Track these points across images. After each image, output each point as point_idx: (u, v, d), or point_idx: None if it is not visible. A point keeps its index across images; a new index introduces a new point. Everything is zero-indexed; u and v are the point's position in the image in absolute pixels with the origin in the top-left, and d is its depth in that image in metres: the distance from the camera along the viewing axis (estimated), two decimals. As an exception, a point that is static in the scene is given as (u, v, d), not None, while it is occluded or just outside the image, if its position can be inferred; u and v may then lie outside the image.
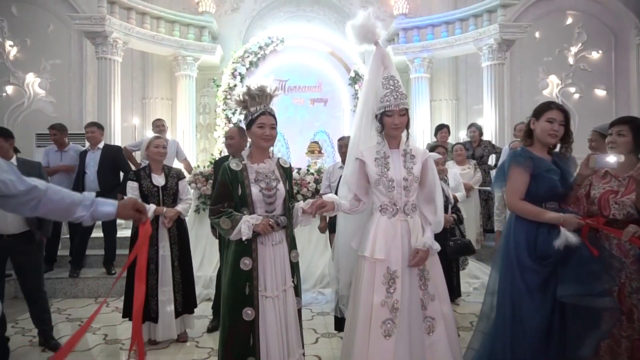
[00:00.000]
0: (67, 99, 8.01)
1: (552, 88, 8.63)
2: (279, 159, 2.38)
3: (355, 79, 7.53)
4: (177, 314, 3.32)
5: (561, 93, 8.63)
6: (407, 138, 2.34)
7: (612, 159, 2.14)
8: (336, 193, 2.52)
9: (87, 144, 4.92)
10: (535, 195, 2.31)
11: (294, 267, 2.34)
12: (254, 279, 2.18)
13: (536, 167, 2.30)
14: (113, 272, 4.72)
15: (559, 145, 2.41)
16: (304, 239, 4.83)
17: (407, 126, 2.31)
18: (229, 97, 7.26)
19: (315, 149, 5.78)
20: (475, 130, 5.68)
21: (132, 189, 3.27)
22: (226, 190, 2.20)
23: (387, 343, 2.10)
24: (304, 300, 4.30)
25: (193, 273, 3.53)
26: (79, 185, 4.67)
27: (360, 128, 2.44)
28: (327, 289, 4.54)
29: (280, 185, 2.27)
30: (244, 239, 2.11)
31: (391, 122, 2.23)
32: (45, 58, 7.92)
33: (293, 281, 2.31)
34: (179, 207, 3.39)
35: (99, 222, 4.79)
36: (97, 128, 4.90)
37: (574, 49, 8.66)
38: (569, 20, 8.68)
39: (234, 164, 2.23)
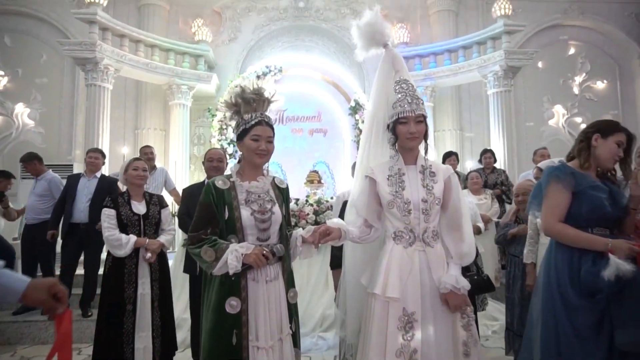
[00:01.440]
0: (57, 130, 7.77)
1: (558, 118, 8.42)
2: (274, 177, 1.99)
3: (356, 109, 7.26)
4: None
5: (567, 123, 8.41)
6: (426, 151, 1.97)
7: None
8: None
9: (74, 169, 4.56)
10: (578, 218, 1.93)
11: (292, 310, 1.90)
12: (243, 326, 1.74)
13: (578, 183, 1.93)
14: (89, 314, 4.22)
15: None
16: (301, 277, 4.38)
17: (425, 137, 1.95)
18: (224, 127, 6.97)
19: (314, 179, 5.42)
20: (491, 156, 5.35)
21: (109, 217, 2.87)
22: (210, 214, 1.79)
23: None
24: (303, 347, 3.80)
25: (173, 313, 3.05)
26: (62, 212, 4.24)
27: (369, 142, 2.08)
28: (328, 332, 4.05)
29: (276, 208, 1.87)
30: (231, 273, 1.70)
31: (406, 130, 1.87)
32: (36, 88, 7.74)
33: (291, 327, 1.88)
34: (162, 239, 2.97)
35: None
36: (100, 155, 4.55)
37: (578, 79, 8.52)
38: (572, 51, 8.58)
39: (220, 182, 1.84)
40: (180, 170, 7.02)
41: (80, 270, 4.41)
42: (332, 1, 8.03)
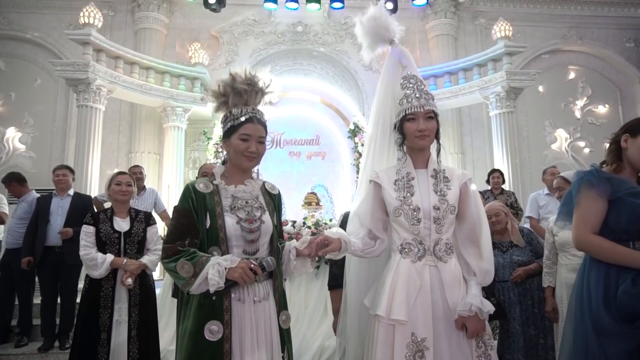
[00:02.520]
0: (48, 154, 7.59)
1: (560, 142, 8.29)
2: (264, 182, 1.75)
3: (355, 132, 7.10)
4: None
5: (570, 147, 8.27)
6: (439, 153, 1.74)
7: None
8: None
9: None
10: (617, 229, 1.67)
11: (285, 336, 1.62)
12: (226, 355, 1.46)
13: (616, 190, 1.67)
14: (67, 345, 3.87)
15: None
16: (298, 304, 4.07)
17: (437, 136, 1.72)
18: (220, 149, 6.77)
19: (312, 201, 5.18)
20: (499, 176, 5.12)
21: (87, 235, 2.61)
22: (188, 222, 1.53)
23: None
24: (300, 382, 3.49)
25: (158, 343, 2.74)
26: (35, 237, 3.94)
27: (374, 146, 1.86)
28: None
29: (266, 217, 1.62)
30: (212, 291, 1.43)
31: (415, 128, 1.65)
32: (29, 112, 7.61)
33: (283, 357, 1.59)
34: (145, 259, 2.70)
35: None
36: (68, 171, 4.27)
37: (579, 103, 8.44)
38: (572, 75, 8.54)
39: (201, 185, 1.60)
40: (174, 193, 6.77)
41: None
42: (330, 25, 8.00)
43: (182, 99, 6.88)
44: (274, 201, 1.73)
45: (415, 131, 1.66)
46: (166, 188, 6.75)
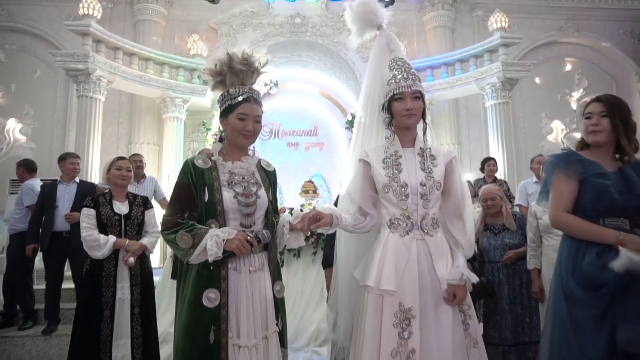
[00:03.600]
0: (49, 145, 7.62)
1: (556, 133, 8.34)
2: (260, 159, 1.83)
3: (352, 123, 7.15)
4: None
5: (567, 138, 8.31)
6: (425, 132, 1.82)
7: None
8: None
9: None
10: (585, 208, 1.77)
11: (279, 306, 1.71)
12: (222, 321, 1.55)
13: (585, 171, 1.78)
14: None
15: None
16: (295, 289, 4.17)
17: (423, 116, 1.80)
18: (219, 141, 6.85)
19: (309, 189, 5.26)
20: (495, 164, 5.21)
21: (88, 217, 2.69)
22: (187, 195, 1.62)
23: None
24: (296, 362, 3.60)
25: (156, 323, 2.83)
26: (40, 223, 4.02)
27: (364, 125, 1.94)
28: (323, 347, 3.81)
29: (262, 192, 1.71)
30: (210, 260, 1.52)
31: (402, 107, 1.73)
32: (29, 104, 7.63)
33: (277, 325, 1.68)
34: (144, 241, 2.79)
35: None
36: (79, 160, 4.41)
37: (575, 95, 8.49)
38: (568, 67, 8.58)
39: (200, 161, 1.68)
40: (173, 182, 6.85)
41: (69, 284, 4.19)
42: (329, 17, 8.04)
43: (181, 90, 6.94)
44: (269, 177, 1.81)
45: (402, 110, 1.74)
46: (166, 178, 6.82)
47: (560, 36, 8.52)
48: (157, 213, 5.72)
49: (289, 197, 6.86)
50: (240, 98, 1.68)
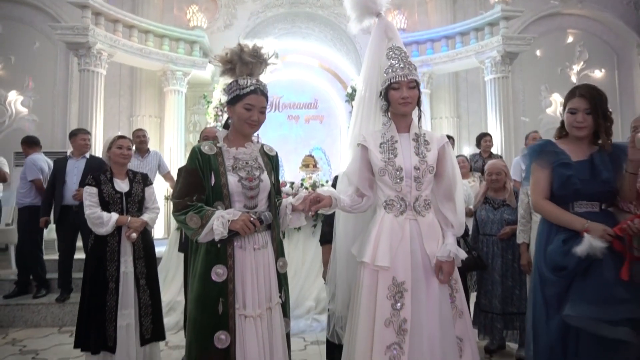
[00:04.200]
0: (51, 118, 7.68)
1: (555, 106, 8.37)
2: (263, 144, 1.94)
3: (353, 96, 7.19)
4: (144, 341, 2.78)
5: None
6: (420, 119, 1.92)
7: None
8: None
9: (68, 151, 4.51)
10: (555, 194, 1.96)
11: (282, 280, 1.86)
12: (230, 294, 1.70)
13: (555, 160, 1.95)
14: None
15: None
16: (296, 259, 4.36)
17: (418, 103, 1.90)
18: (220, 113, 6.91)
19: (310, 163, 5.37)
20: (490, 139, 5.31)
21: (90, 195, 2.79)
22: (195, 180, 1.74)
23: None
24: (297, 328, 3.80)
25: (159, 292, 3.00)
26: (52, 197, 4.16)
27: (362, 111, 2.04)
28: (322, 315, 4.01)
29: (264, 176, 1.83)
30: (217, 239, 1.65)
31: (398, 96, 1.82)
32: (30, 76, 7.62)
33: (280, 297, 1.84)
34: (145, 217, 2.91)
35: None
36: (90, 136, 4.50)
37: (576, 67, 8.47)
38: (570, 39, 8.52)
39: (206, 147, 1.79)
40: (175, 157, 6.97)
41: (81, 255, 4.35)
42: (329, -12, 7.94)
43: (181, 63, 6.95)
44: (271, 162, 1.92)
45: (399, 98, 1.83)
46: (168, 151, 6.93)
47: (563, 7, 8.42)
48: (161, 187, 5.88)
49: (290, 170, 6.97)
50: (248, 89, 1.77)
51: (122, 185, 2.89)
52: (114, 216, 2.76)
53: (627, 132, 8.74)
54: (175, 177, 5.06)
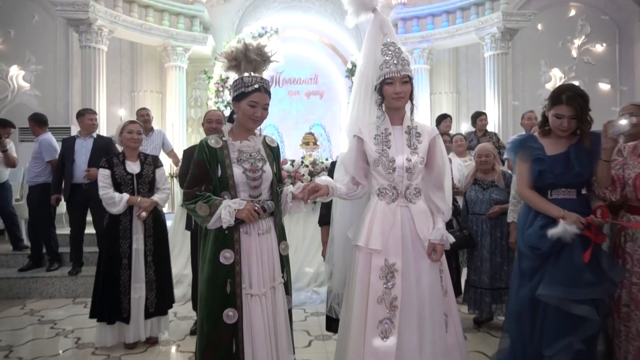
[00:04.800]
0: (53, 93, 7.71)
1: (555, 81, 8.39)
2: (265, 137, 2.08)
3: (353, 71, 7.23)
4: (148, 314, 3.01)
5: (564, 87, 8.37)
6: (412, 112, 2.04)
7: (623, 121, 1.94)
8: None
9: (72, 132, 4.60)
10: (534, 183, 2.18)
11: (284, 261, 2.03)
12: (237, 275, 1.87)
13: (532, 154, 2.17)
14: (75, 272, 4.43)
15: None
16: (297, 235, 4.54)
17: (411, 98, 2.01)
18: (221, 89, 6.97)
19: (310, 141, 5.48)
20: (486, 118, 5.39)
21: (104, 177, 2.97)
22: (203, 171, 1.89)
23: (385, 345, 1.81)
24: (298, 300, 4.03)
25: (170, 270, 3.20)
26: (62, 175, 4.32)
27: (358, 103, 2.15)
28: (322, 287, 4.24)
29: (267, 167, 1.97)
30: (224, 226, 1.81)
31: (392, 90, 1.93)
32: (30, 50, 7.62)
33: (283, 277, 2.01)
34: (156, 197, 3.08)
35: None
36: (97, 116, 4.64)
37: (577, 42, 8.43)
38: (572, 12, 8.44)
39: (212, 141, 1.93)
40: (178, 132, 7.08)
41: (91, 229, 4.56)
42: (329, -40, 7.83)
43: (182, 39, 6.97)
44: (273, 152, 2.06)
45: (392, 93, 1.95)
46: (170, 127, 7.03)
47: (565, -20, 8.32)
48: (166, 164, 6.02)
49: (290, 146, 7.09)
50: (252, 87, 1.89)
51: (133, 167, 3.05)
52: (125, 196, 2.93)
53: (625, 107, 8.68)
54: (178, 155, 5.22)
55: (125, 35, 6.70)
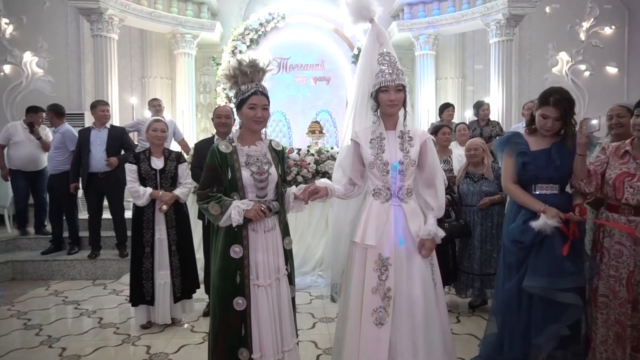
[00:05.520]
0: (66, 78, 7.85)
1: (561, 65, 8.38)
2: (271, 141, 2.26)
3: (359, 57, 7.31)
4: (176, 299, 3.29)
5: (571, 70, 8.36)
6: (405, 118, 2.20)
7: (594, 121, 2.13)
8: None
9: (85, 118, 4.78)
10: (519, 178, 2.36)
11: (288, 255, 2.24)
12: (245, 267, 2.08)
13: (516, 150, 2.33)
14: (125, 254, 4.68)
15: None
16: (303, 222, 4.75)
17: (404, 104, 2.17)
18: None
19: (316, 129, 5.64)
20: (488, 108, 5.49)
21: (131, 172, 3.22)
22: (215, 174, 2.08)
23: (379, 332, 2.02)
24: (303, 283, 4.28)
25: (194, 257, 3.48)
26: (81, 164, 4.56)
27: (355, 108, 2.32)
28: (326, 271, 4.47)
29: (273, 169, 2.15)
30: (234, 225, 2.01)
31: (387, 98, 2.10)
32: (43, 36, 7.74)
33: (287, 269, 2.22)
34: (177, 191, 3.31)
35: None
36: (109, 107, 4.86)
37: (585, 25, 8.36)
38: (581, -6, 8.36)
39: (223, 146, 2.11)
40: (188, 118, 7.26)
41: (107, 215, 4.85)
42: (336, -57, 7.79)
43: (190, 26, 7.07)
44: (278, 155, 2.24)
45: (387, 101, 2.11)
46: (180, 113, 7.21)
47: (576, -39, 8.21)
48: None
49: (297, 132, 7.25)
50: (249, 92, 2.08)
51: (157, 162, 3.28)
52: (148, 190, 3.18)
53: (634, 93, 8.75)
54: (187, 145, 5.43)
55: (135, 23, 6.83)
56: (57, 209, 4.87)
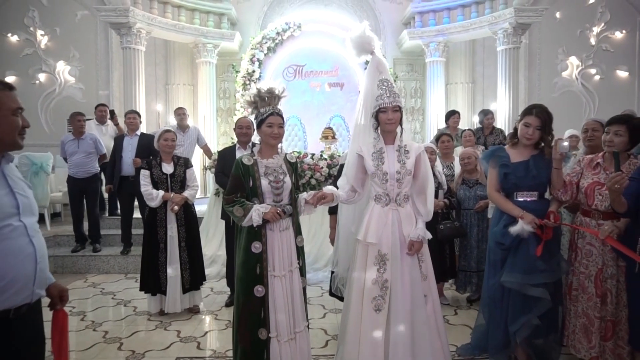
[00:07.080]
0: (95, 86, 8.39)
1: (571, 70, 8.54)
2: (286, 154, 2.63)
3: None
4: (185, 290, 3.71)
5: (581, 75, 8.52)
6: (401, 134, 2.55)
7: (565, 143, 2.44)
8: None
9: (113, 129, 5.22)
10: (502, 186, 2.67)
11: (299, 251, 2.61)
12: (264, 261, 2.46)
13: (499, 162, 2.65)
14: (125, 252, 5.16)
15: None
16: (316, 223, 5.10)
17: (400, 122, 2.52)
18: (247, 82, 7.51)
19: (329, 135, 6.00)
20: (493, 117, 5.73)
21: (145, 177, 3.64)
22: (239, 182, 2.47)
23: (377, 316, 2.38)
24: (316, 279, 4.64)
25: (201, 252, 3.88)
26: (114, 168, 5.02)
27: (360, 126, 2.67)
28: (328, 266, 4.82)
29: (287, 179, 2.53)
30: (254, 225, 2.39)
31: (385, 117, 2.45)
32: (74, 46, 8.29)
33: (298, 263, 2.59)
34: (186, 193, 3.72)
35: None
36: (137, 115, 5.30)
37: (596, 29, 8.50)
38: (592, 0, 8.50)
39: (246, 159, 2.50)
40: (209, 122, 7.71)
41: (137, 214, 5.29)
42: (350, -46, 8.14)
43: (211, 36, 7.52)
44: (292, 167, 2.61)
45: (386, 119, 2.46)
46: (202, 119, 7.66)
47: (586, -34, 8.37)
48: (201, 158, 6.66)
49: (311, 135, 7.60)
50: (267, 114, 2.47)
51: (168, 168, 3.70)
52: (160, 193, 3.60)
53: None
54: (210, 150, 5.85)
55: (161, 35, 7.30)
56: (79, 210, 5.27)
